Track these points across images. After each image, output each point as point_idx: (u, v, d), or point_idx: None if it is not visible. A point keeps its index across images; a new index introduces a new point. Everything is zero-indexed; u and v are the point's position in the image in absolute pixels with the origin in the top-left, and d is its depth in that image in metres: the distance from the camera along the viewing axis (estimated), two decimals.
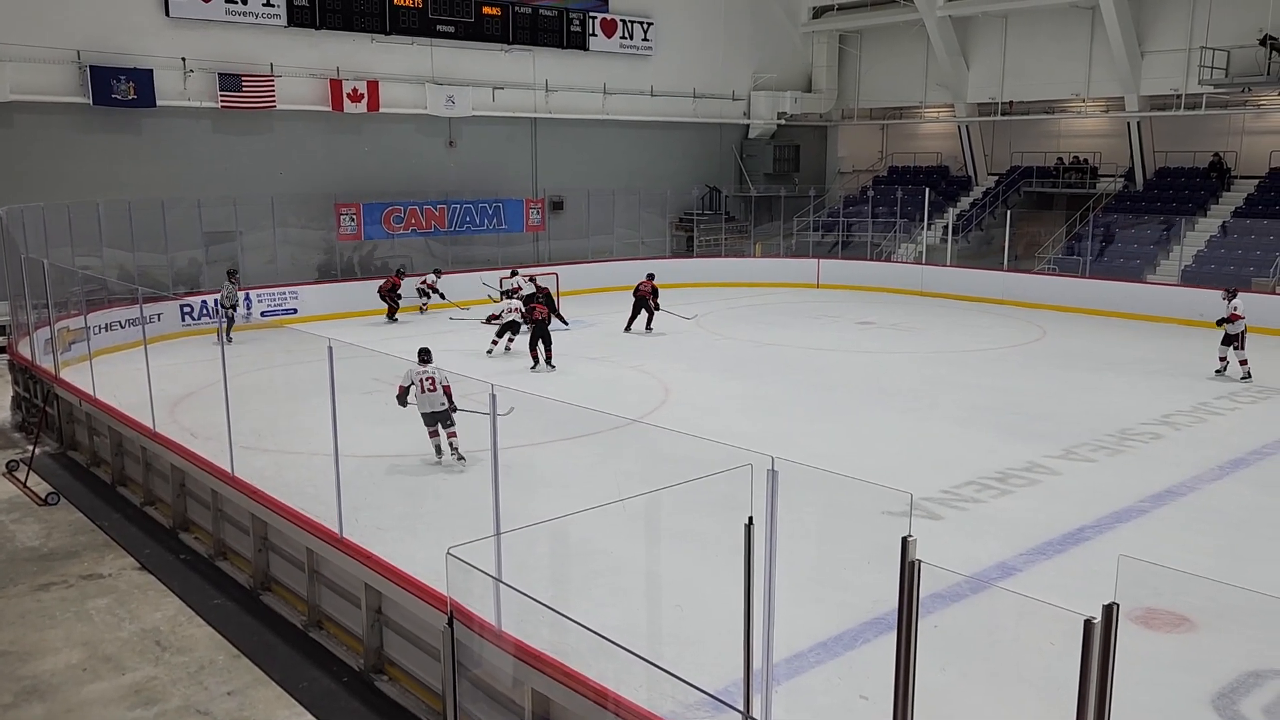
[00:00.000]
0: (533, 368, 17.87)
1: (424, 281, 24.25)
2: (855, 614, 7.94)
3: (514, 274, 22.70)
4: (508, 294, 21.34)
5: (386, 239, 26.86)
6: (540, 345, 17.98)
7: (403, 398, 11.90)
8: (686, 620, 7.92)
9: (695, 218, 32.93)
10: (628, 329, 21.69)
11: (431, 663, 7.45)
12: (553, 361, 18.01)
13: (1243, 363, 16.99)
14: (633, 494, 8.73)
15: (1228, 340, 17.12)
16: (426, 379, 11.84)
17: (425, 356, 12.16)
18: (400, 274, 24.00)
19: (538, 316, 18.20)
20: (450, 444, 12.00)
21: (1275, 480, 11.84)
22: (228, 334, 19.58)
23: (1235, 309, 16.92)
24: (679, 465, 7.42)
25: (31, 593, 9.53)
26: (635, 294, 21.87)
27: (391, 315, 23.34)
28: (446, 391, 11.87)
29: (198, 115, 24.03)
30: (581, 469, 11.92)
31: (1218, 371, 17.03)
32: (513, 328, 19.09)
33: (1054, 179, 31.22)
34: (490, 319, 19.35)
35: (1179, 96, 27.75)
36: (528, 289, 21.26)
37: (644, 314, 21.76)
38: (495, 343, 19.18)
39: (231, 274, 21.52)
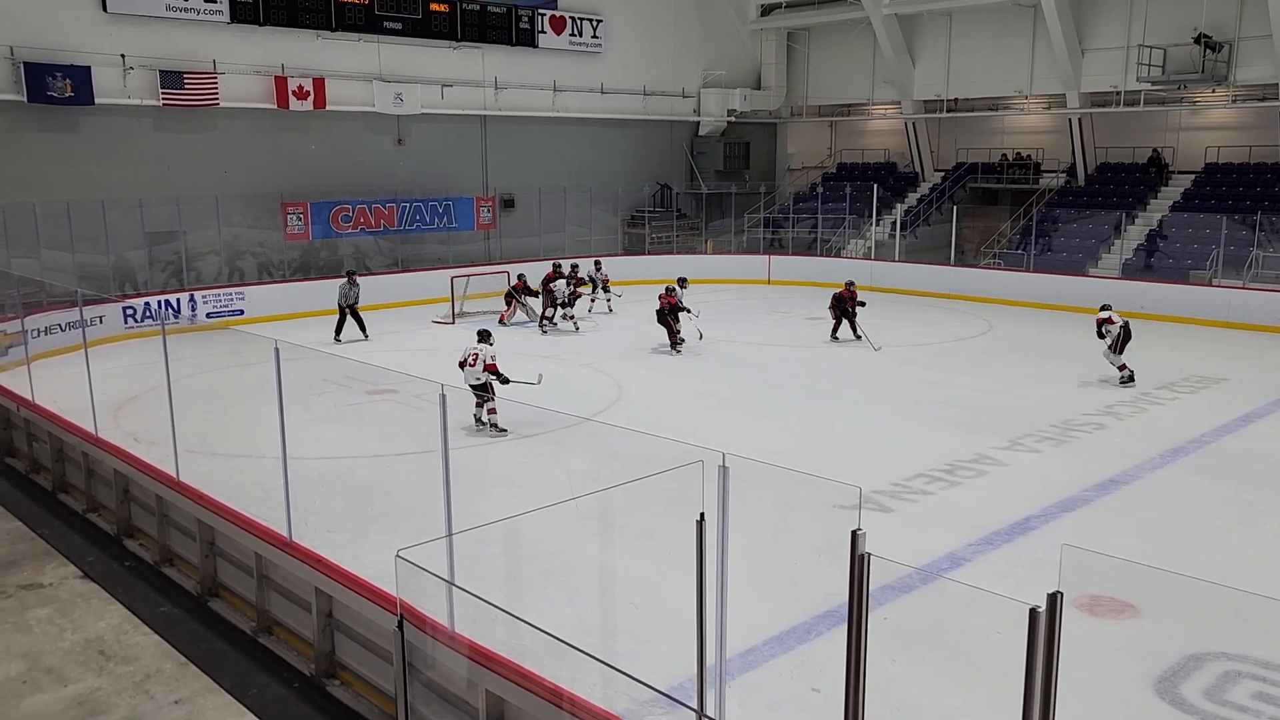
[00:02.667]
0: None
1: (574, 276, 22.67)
2: (807, 608, 8.01)
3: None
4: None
5: (334, 238, 26.53)
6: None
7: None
8: (640, 618, 7.93)
9: (647, 215, 32.96)
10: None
11: (384, 666, 7.38)
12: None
13: (1121, 367, 16.54)
14: (585, 492, 8.73)
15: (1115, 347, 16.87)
16: (471, 355, 13.25)
17: (482, 337, 13.70)
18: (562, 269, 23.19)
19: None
20: (489, 419, 13.11)
21: (1215, 468, 12.15)
22: (359, 332, 20.52)
23: (1110, 317, 16.75)
24: (631, 463, 7.43)
25: None
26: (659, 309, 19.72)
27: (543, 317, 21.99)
28: (489, 369, 13.04)
29: (138, 113, 23.52)
30: (533, 468, 11.88)
31: (1123, 382, 16.34)
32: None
33: (999, 175, 31.73)
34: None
35: (1118, 94, 28.35)
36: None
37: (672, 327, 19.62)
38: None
39: (351, 274, 21.37)
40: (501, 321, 22.19)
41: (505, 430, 13.21)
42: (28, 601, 9.37)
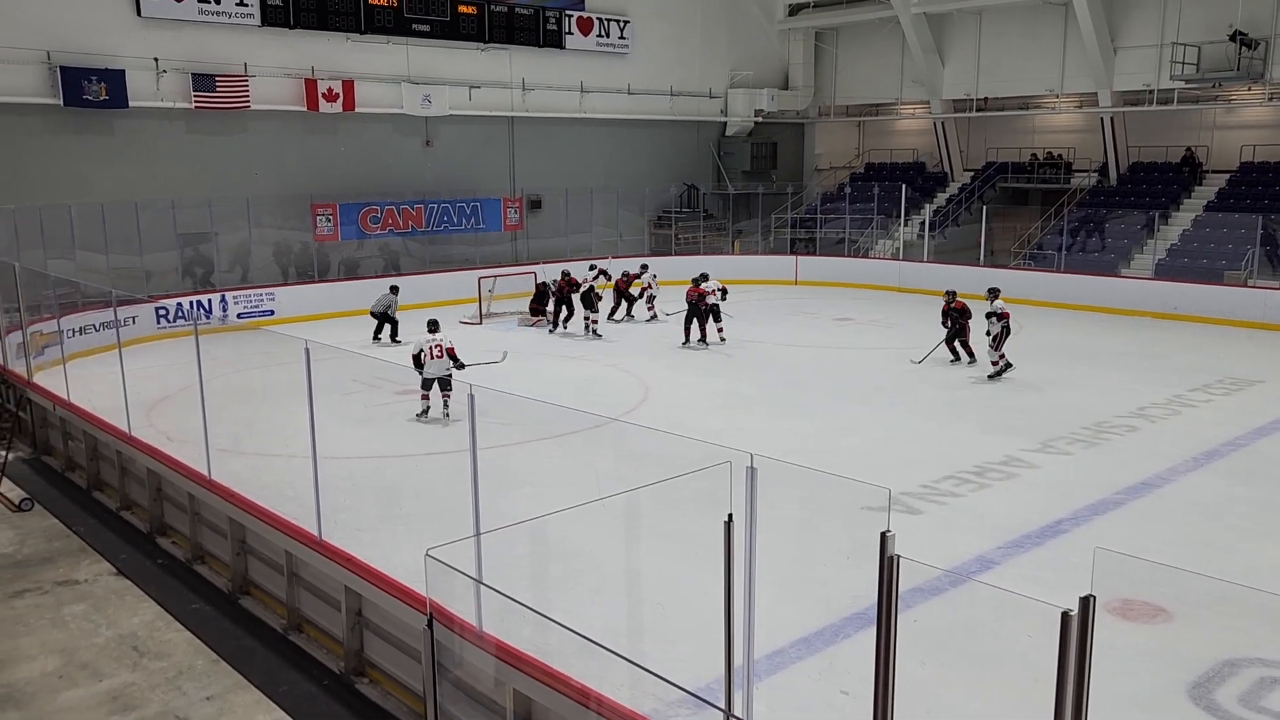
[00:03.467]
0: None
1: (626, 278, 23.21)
2: (835, 609, 7.97)
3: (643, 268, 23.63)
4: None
5: (363, 239, 26.73)
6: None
7: (417, 363, 13.60)
8: (667, 618, 7.93)
9: (673, 216, 32.94)
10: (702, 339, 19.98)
11: (412, 664, 7.42)
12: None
13: (994, 363, 16.70)
14: (612, 493, 8.72)
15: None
16: (434, 346, 13.57)
17: (434, 327, 14.03)
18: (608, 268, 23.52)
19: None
20: (445, 403, 13.70)
21: (1249, 471, 11.97)
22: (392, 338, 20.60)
23: (1000, 308, 16.79)
24: (658, 464, 7.42)
25: (6, 600, 9.42)
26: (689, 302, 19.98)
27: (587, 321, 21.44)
28: (450, 353, 13.63)
29: (171, 116, 23.81)
30: (561, 468, 11.91)
31: (994, 376, 16.48)
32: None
33: (1029, 174, 31.44)
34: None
35: (1151, 92, 28.01)
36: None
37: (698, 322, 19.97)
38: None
39: (394, 289, 21.42)
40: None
41: (450, 418, 13.79)
42: (64, 598, 9.51)
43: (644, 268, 23.67)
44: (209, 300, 22.50)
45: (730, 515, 5.05)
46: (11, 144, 21.83)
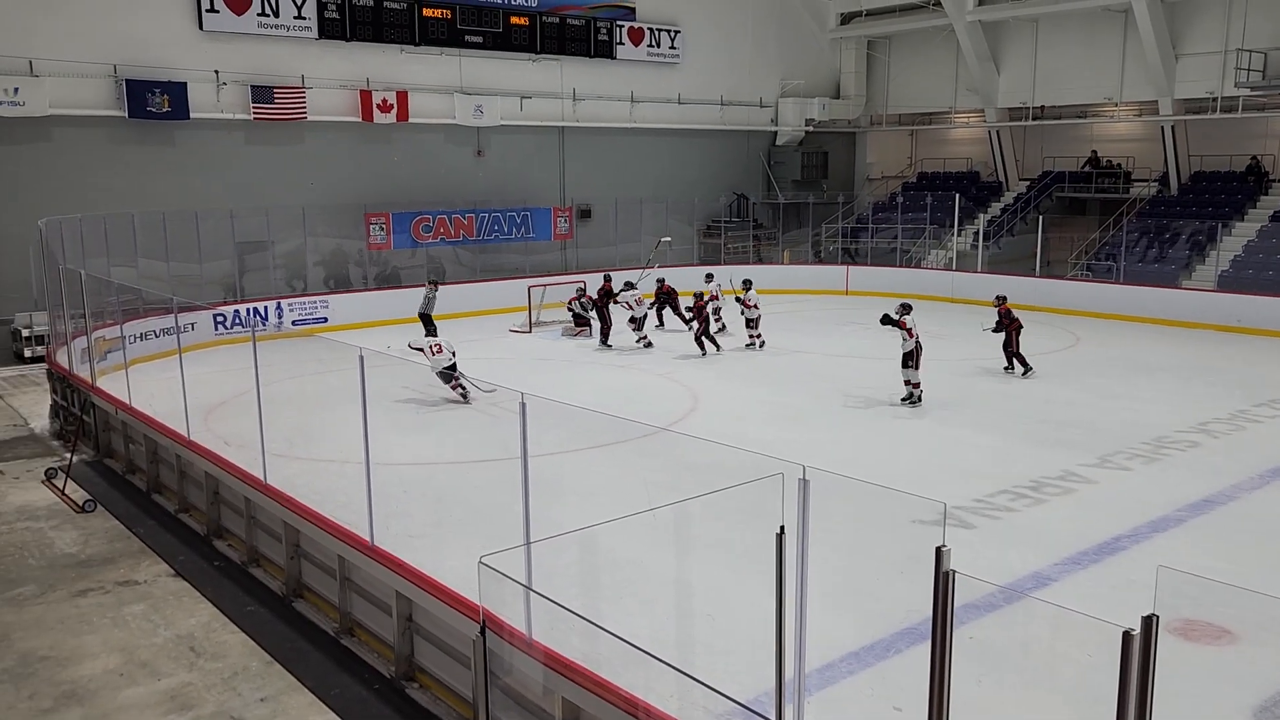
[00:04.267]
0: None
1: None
2: (887, 624, 7.87)
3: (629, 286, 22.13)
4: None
5: (415, 248, 27.05)
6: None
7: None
8: (716, 630, 7.89)
9: (723, 225, 32.89)
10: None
11: (461, 670, 7.46)
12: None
13: (914, 384, 15.68)
14: (662, 503, 8.71)
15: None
16: (434, 345, 14.99)
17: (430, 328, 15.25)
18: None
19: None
20: (461, 389, 15.07)
21: None
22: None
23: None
24: (708, 473, 7.39)
25: (70, 599, 9.65)
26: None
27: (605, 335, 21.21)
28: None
29: (230, 127, 24.33)
30: (610, 477, 11.91)
31: (907, 400, 15.60)
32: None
33: (1086, 184, 30.92)
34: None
35: (1215, 99, 27.41)
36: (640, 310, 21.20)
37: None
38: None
39: (434, 282, 21.54)
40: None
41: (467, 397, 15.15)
42: (124, 597, 9.71)
43: (709, 277, 22.68)
44: (265, 307, 22.91)
45: (782, 527, 5.01)
46: (78, 155, 22.47)
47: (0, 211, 21.55)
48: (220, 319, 21.60)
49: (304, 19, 24.64)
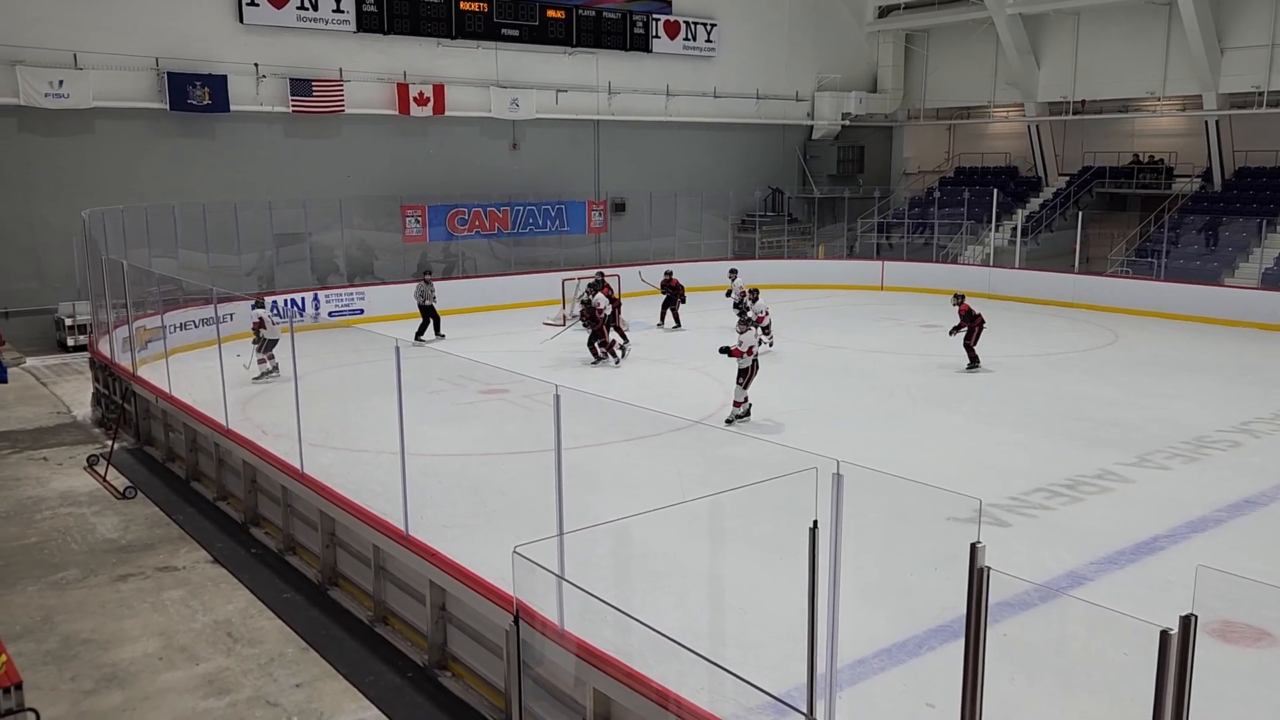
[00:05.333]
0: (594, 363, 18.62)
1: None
2: (920, 620, 7.83)
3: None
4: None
5: (451, 241, 27.21)
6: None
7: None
8: (748, 624, 7.89)
9: (758, 219, 32.78)
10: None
11: (494, 660, 7.52)
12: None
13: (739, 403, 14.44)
14: (695, 496, 8.72)
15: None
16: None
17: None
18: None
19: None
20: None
21: None
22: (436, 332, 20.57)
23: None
24: (741, 468, 7.40)
25: (111, 583, 9.83)
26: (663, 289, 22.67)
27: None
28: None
29: (269, 120, 24.60)
30: (643, 470, 11.94)
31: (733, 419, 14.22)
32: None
33: (1128, 179, 30.47)
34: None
35: (1261, 94, 26.90)
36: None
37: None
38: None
39: (427, 273, 21.72)
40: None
41: None
42: (164, 583, 9.88)
43: (733, 273, 22.53)
44: (302, 298, 23.15)
45: (815, 522, 5.00)
46: (121, 147, 22.82)
47: (45, 202, 21.95)
48: None
49: (342, 12, 24.84)
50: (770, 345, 19.22)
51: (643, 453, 12.35)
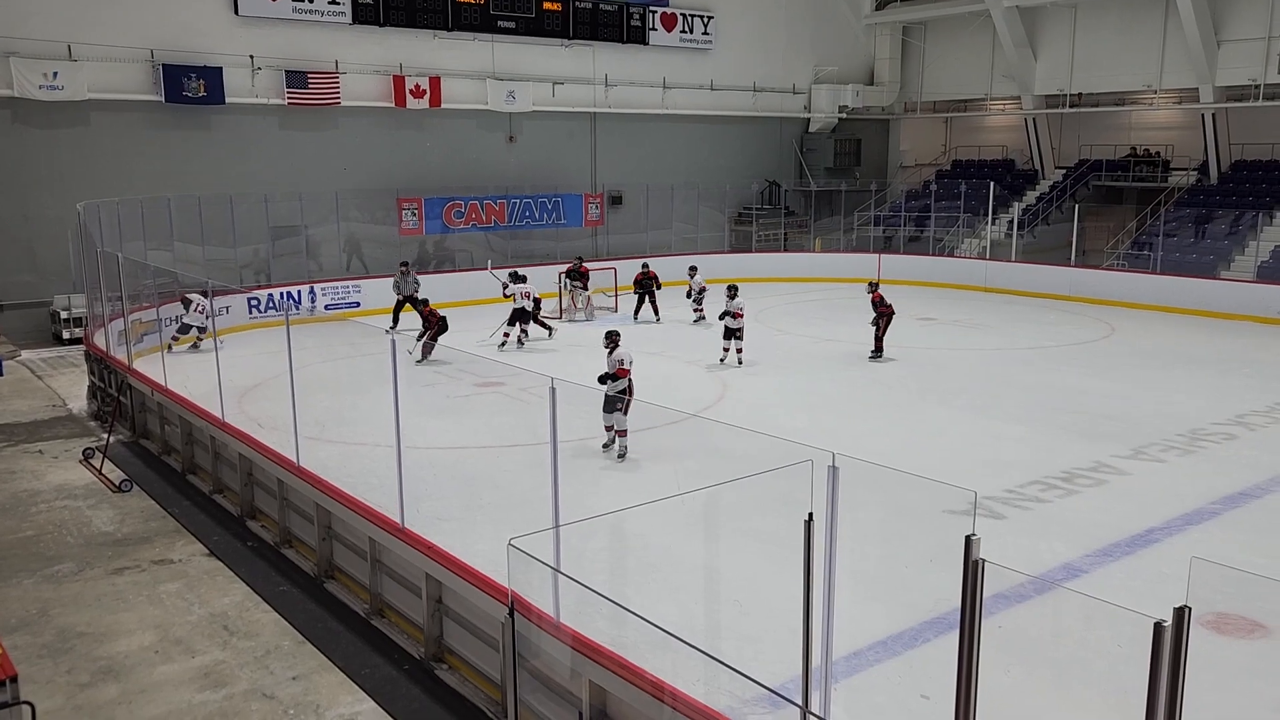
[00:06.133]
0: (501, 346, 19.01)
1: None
2: (915, 613, 7.85)
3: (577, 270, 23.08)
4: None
5: (447, 234, 27.17)
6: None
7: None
8: (745, 617, 7.90)
9: (754, 212, 32.76)
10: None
11: (490, 652, 7.53)
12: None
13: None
14: (691, 489, 8.72)
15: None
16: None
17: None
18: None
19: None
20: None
21: None
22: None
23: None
24: (738, 461, 7.38)
25: (106, 576, 9.83)
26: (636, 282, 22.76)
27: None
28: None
29: (265, 112, 24.53)
30: (639, 463, 11.94)
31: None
32: (522, 317, 19.48)
33: (1124, 173, 30.48)
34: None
35: (1257, 87, 26.90)
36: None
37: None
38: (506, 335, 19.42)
39: (405, 264, 21.66)
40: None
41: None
42: (160, 576, 9.87)
43: (693, 270, 22.46)
44: (298, 291, 23.12)
45: (810, 514, 5.01)
46: (116, 139, 22.74)
47: (40, 195, 21.89)
48: (254, 302, 21.82)
49: (338, 4, 24.77)
50: (704, 318, 21.13)
51: (639, 445, 12.36)
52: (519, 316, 19.34)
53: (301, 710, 7.42)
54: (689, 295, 22.28)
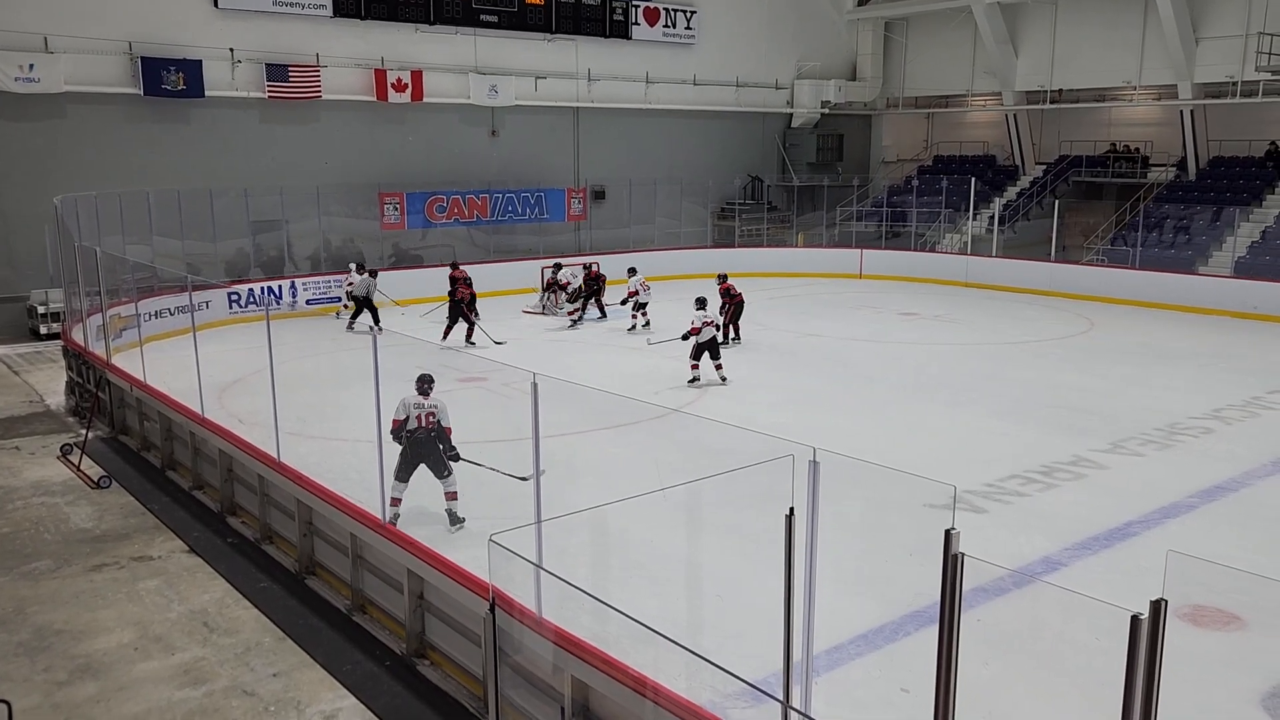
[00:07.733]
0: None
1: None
2: (896, 607, 7.89)
3: (558, 268, 22.87)
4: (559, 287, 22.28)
5: (429, 228, 27.07)
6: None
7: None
8: (726, 611, 7.92)
9: (737, 207, 32.80)
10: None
11: (472, 648, 7.52)
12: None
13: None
14: (673, 484, 8.74)
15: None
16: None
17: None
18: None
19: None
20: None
21: None
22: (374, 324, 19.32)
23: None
24: (720, 456, 7.40)
25: (85, 573, 9.75)
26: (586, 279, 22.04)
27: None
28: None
29: (245, 105, 24.35)
30: (622, 458, 11.95)
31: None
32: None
33: (1104, 168, 30.68)
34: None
35: (1235, 84, 27.12)
36: (576, 282, 21.61)
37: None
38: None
39: (360, 266, 21.54)
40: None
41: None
42: (139, 573, 9.81)
43: (631, 271, 21.40)
44: (279, 286, 22.98)
45: (791, 509, 5.02)
46: (94, 132, 22.53)
47: (16, 188, 21.67)
48: (235, 298, 21.69)
49: None
50: (647, 325, 20.46)
51: (622, 441, 12.36)
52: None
53: (282, 707, 7.39)
54: (624, 302, 21.04)
